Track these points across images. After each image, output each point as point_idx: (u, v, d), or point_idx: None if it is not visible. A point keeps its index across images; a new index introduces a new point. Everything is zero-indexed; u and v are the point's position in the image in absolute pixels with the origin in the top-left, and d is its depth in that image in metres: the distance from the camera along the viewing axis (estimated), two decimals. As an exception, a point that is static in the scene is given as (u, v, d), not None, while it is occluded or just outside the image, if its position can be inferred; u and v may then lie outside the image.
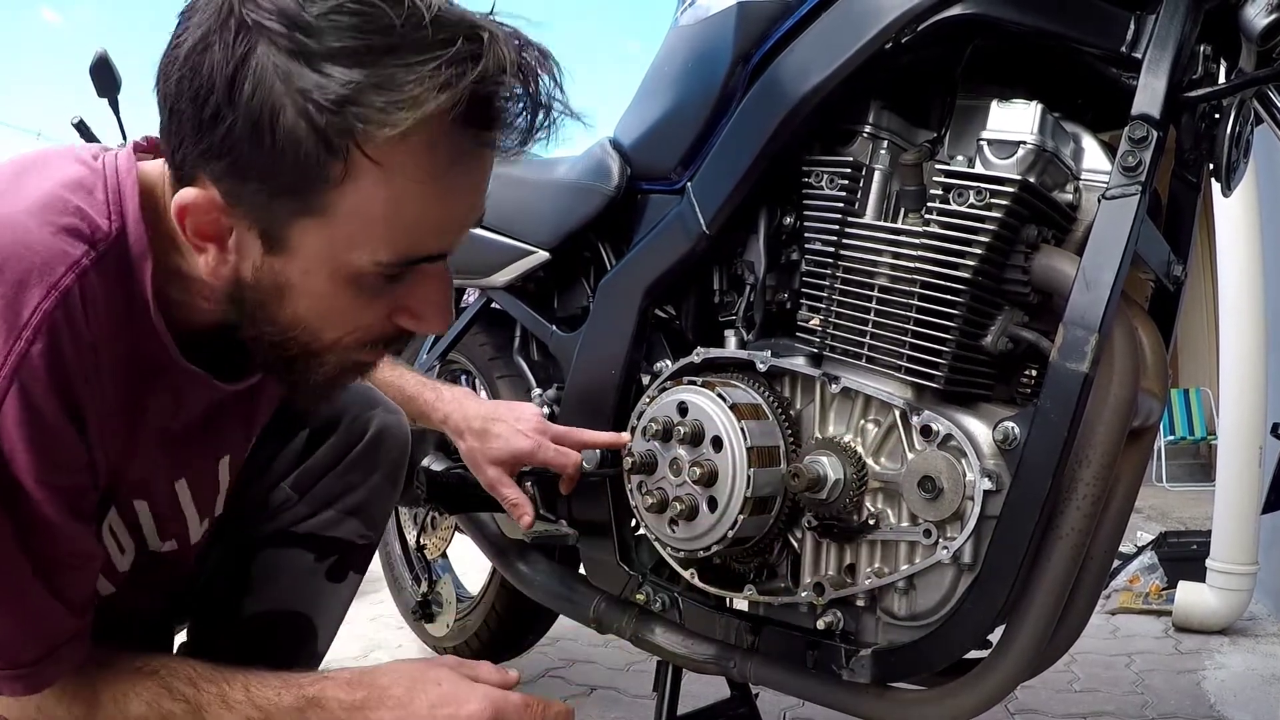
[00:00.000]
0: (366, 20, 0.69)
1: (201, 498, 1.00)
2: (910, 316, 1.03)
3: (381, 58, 0.69)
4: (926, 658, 1.04)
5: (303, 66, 0.69)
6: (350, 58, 0.69)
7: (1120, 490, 1.07)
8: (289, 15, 0.69)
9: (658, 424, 1.17)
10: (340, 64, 0.69)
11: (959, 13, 1.01)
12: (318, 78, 0.69)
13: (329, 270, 0.77)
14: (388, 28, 0.69)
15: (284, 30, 0.69)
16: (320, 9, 0.69)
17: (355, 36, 0.69)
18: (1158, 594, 2.83)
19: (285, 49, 0.69)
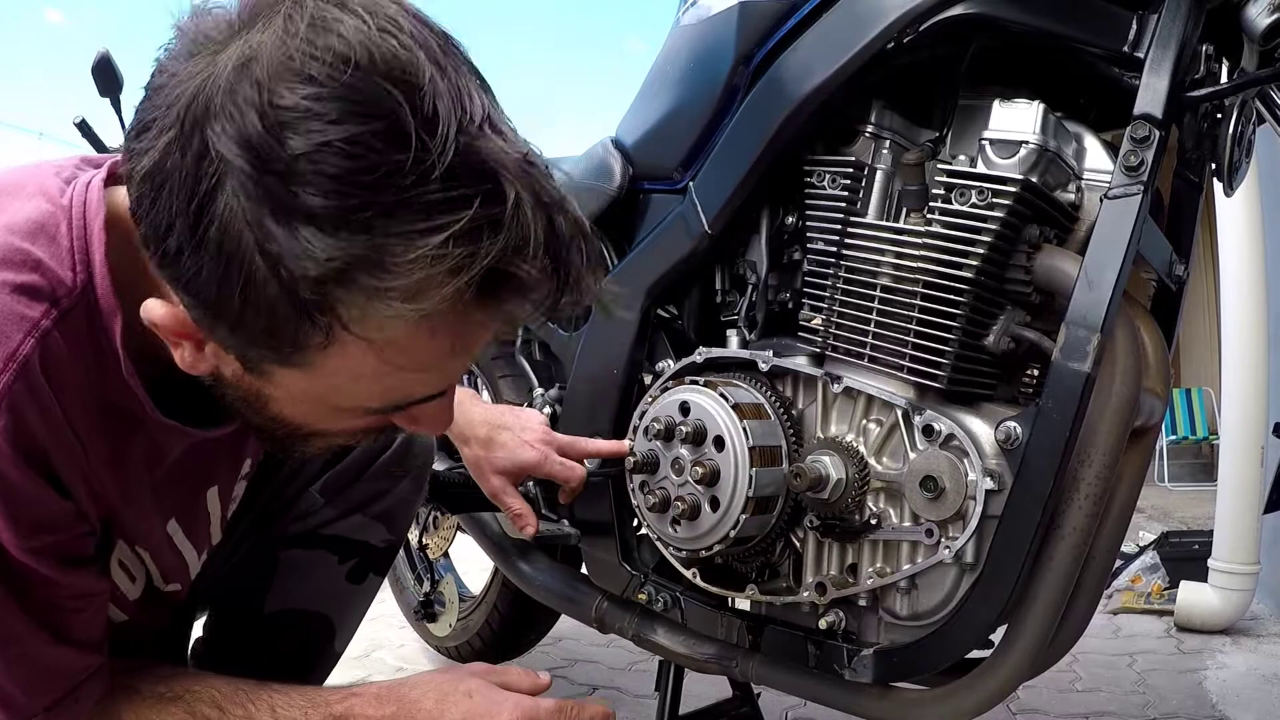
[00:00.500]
0: (359, 167, 0.57)
1: (195, 533, 0.96)
2: (912, 316, 1.03)
3: (376, 222, 0.57)
4: (928, 657, 1.04)
5: (277, 226, 0.57)
6: (336, 220, 0.57)
7: (1122, 490, 1.07)
8: (261, 153, 0.57)
9: (660, 424, 1.17)
10: (323, 229, 0.57)
11: (961, 12, 1.01)
12: (295, 244, 0.57)
13: (314, 402, 0.70)
14: (386, 179, 0.57)
15: (254, 174, 0.57)
16: (302, 145, 0.56)
17: (343, 191, 0.57)
18: (1160, 594, 2.83)
19: (256, 198, 0.57)
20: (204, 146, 0.58)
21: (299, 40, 0.58)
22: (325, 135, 0.56)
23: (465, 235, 0.58)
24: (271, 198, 0.57)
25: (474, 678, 0.89)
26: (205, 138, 0.58)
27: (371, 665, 2.14)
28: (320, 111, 0.57)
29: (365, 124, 0.57)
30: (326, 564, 1.15)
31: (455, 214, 0.58)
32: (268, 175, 0.57)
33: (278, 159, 0.57)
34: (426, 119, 0.58)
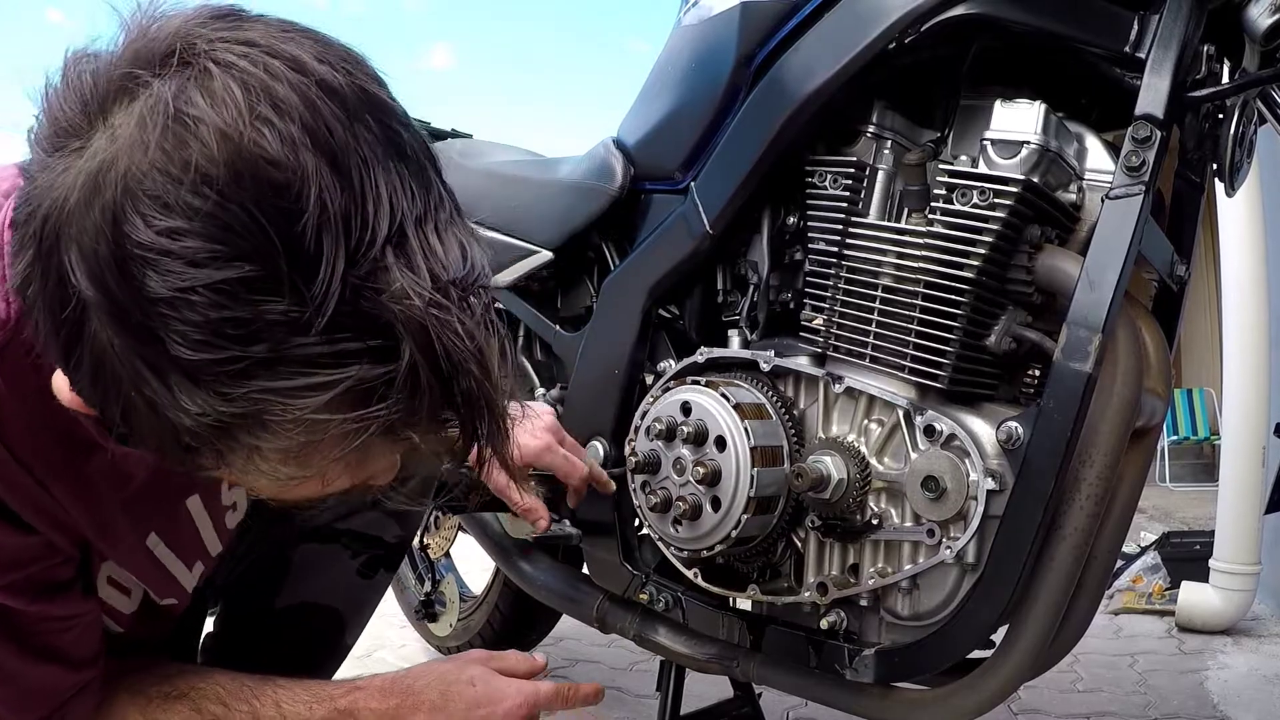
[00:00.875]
0: (228, 318, 0.50)
1: (180, 545, 0.90)
2: (914, 316, 1.03)
3: (251, 378, 0.51)
4: (930, 658, 1.04)
5: (149, 372, 0.52)
6: (207, 374, 0.51)
7: (1123, 490, 1.07)
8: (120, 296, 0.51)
9: (661, 424, 1.17)
10: (196, 383, 0.52)
11: (962, 13, 1.01)
12: (169, 395, 0.52)
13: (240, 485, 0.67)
14: (259, 332, 0.51)
15: (115, 314, 0.52)
16: (162, 289, 0.50)
17: (212, 344, 0.51)
18: (1161, 594, 2.83)
19: (123, 336, 0.52)
20: (62, 273, 0.53)
21: (154, 150, 0.51)
22: (186, 279, 0.50)
23: (349, 398, 0.52)
24: (139, 342, 0.52)
25: (475, 665, 0.90)
26: (62, 264, 0.52)
27: (373, 665, 2.14)
28: (179, 252, 0.50)
29: (231, 269, 0.50)
30: (339, 559, 1.15)
31: (339, 371, 0.52)
32: (130, 319, 0.51)
33: (137, 303, 0.51)
34: (306, 258, 0.51)
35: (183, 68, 0.53)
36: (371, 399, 0.53)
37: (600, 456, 1.32)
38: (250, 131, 0.51)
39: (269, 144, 0.51)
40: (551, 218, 1.46)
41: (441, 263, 0.55)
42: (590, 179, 1.40)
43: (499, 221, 1.51)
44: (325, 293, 0.51)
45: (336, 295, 0.51)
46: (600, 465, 1.32)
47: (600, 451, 1.32)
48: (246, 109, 0.51)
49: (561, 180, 1.47)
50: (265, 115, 0.51)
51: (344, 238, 0.52)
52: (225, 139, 0.51)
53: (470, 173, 1.60)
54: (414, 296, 0.53)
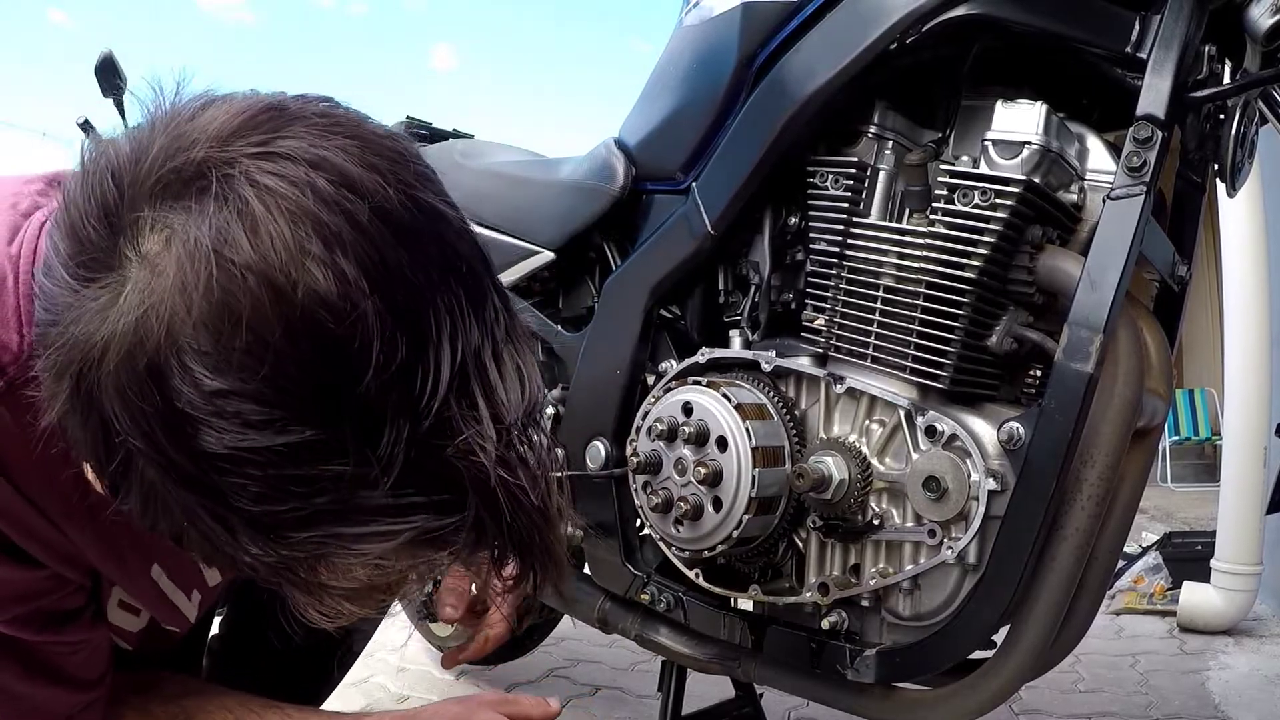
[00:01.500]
0: (289, 475, 0.50)
1: (181, 576, 0.89)
2: (915, 316, 1.03)
3: (314, 526, 0.51)
4: (931, 658, 1.04)
5: (208, 516, 0.52)
6: (269, 526, 0.51)
7: (1125, 490, 1.07)
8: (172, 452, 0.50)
9: (662, 424, 1.17)
10: (258, 531, 0.52)
11: (964, 13, 1.01)
12: (229, 537, 0.52)
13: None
14: (323, 488, 0.50)
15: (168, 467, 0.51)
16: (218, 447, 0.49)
17: (274, 497, 0.50)
18: (1162, 594, 2.83)
19: (178, 484, 0.51)
20: (105, 419, 0.51)
21: (199, 302, 0.48)
22: (244, 440, 0.49)
23: (412, 544, 0.53)
24: (193, 492, 0.51)
25: (486, 710, 0.86)
26: (104, 412, 0.51)
27: (375, 665, 2.14)
28: (233, 413, 0.49)
29: (292, 434, 0.49)
30: None
31: (403, 521, 0.52)
32: (183, 471, 0.50)
33: (190, 458, 0.50)
34: (370, 420, 0.50)
35: (221, 197, 0.49)
36: (435, 544, 0.53)
37: (601, 457, 1.32)
38: (303, 277, 0.48)
39: (324, 289, 0.48)
40: (553, 218, 1.46)
41: (503, 401, 0.54)
42: (592, 179, 1.40)
43: (500, 222, 1.51)
44: (390, 455, 0.50)
45: (401, 459, 0.50)
46: (601, 465, 1.32)
47: (601, 452, 1.32)
48: (295, 248, 0.48)
49: (563, 180, 1.47)
50: (316, 254, 0.49)
51: (407, 393, 0.50)
52: (276, 291, 0.48)
53: (472, 173, 1.60)
54: (479, 452, 0.52)
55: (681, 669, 1.39)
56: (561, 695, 1.94)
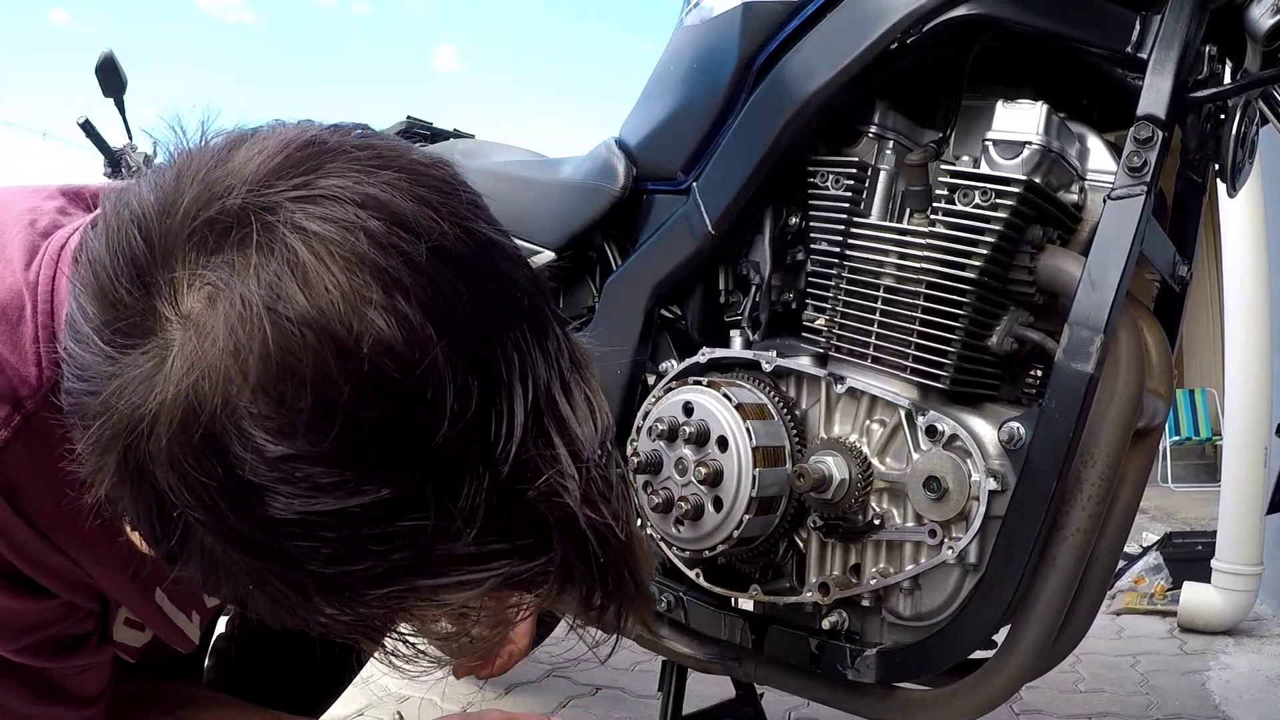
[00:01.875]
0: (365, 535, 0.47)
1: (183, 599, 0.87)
2: (916, 317, 1.03)
3: (393, 581, 0.49)
4: (931, 658, 1.04)
5: (280, 584, 0.50)
6: (346, 587, 0.49)
7: (1125, 490, 1.07)
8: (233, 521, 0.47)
9: (663, 424, 1.17)
10: (330, 592, 0.49)
11: (964, 13, 1.01)
12: (304, 602, 0.50)
13: None
14: (401, 543, 0.48)
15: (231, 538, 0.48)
16: (286, 512, 0.46)
17: (350, 557, 0.48)
18: (1163, 594, 2.83)
19: (244, 552, 0.49)
20: (159, 493, 0.48)
21: (255, 366, 0.45)
22: (315, 505, 0.46)
23: (498, 588, 0.51)
24: (262, 559, 0.48)
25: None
26: (156, 485, 0.48)
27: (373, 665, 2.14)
28: (303, 479, 0.46)
29: (366, 494, 0.46)
30: None
31: (486, 569, 0.50)
32: (250, 540, 0.48)
33: (258, 527, 0.47)
34: (448, 471, 0.47)
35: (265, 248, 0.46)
36: (520, 588, 0.52)
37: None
38: (366, 328, 0.45)
39: (389, 338, 0.45)
40: (553, 218, 1.46)
41: (578, 436, 0.51)
42: (592, 179, 1.40)
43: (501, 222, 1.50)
44: (472, 506, 0.48)
45: (483, 508, 0.48)
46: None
47: (602, 452, 1.32)
48: (354, 296, 0.45)
49: (564, 180, 1.47)
50: (377, 301, 0.45)
51: (484, 440, 0.48)
52: (338, 345, 0.45)
53: (473, 173, 1.58)
54: (563, 493, 0.50)
55: (682, 669, 1.39)
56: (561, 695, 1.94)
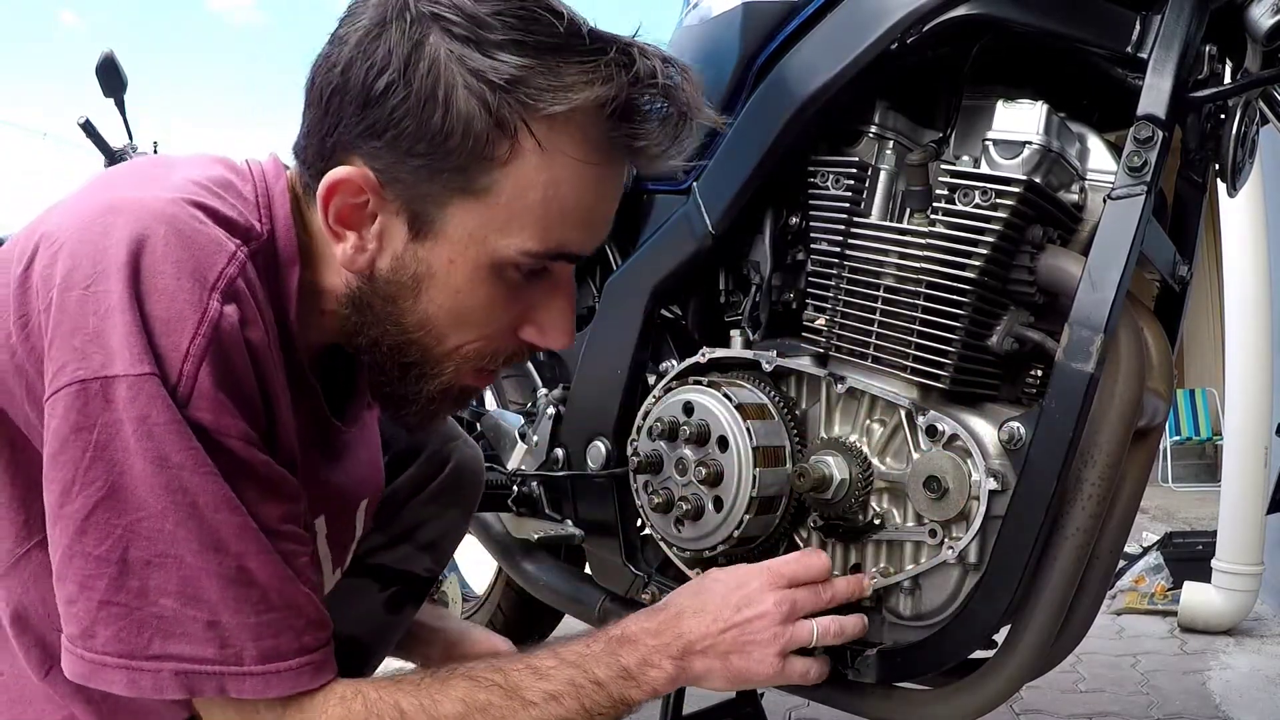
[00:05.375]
0: (532, 22, 0.73)
1: (336, 542, 0.94)
2: (916, 317, 1.03)
3: (546, 53, 0.73)
4: (932, 657, 1.04)
5: (476, 52, 0.72)
6: (518, 48, 0.72)
7: (1126, 490, 1.07)
8: (462, 8, 0.73)
9: (663, 424, 1.17)
10: (511, 52, 0.72)
11: (965, 13, 1.01)
12: (490, 61, 0.72)
13: (475, 257, 0.76)
14: (551, 30, 0.73)
15: (459, 20, 0.72)
16: (490, 9, 0.73)
17: (523, 33, 0.72)
18: (1163, 594, 2.83)
19: (459, 37, 0.72)
20: (416, 14, 0.72)
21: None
22: (505, 5, 0.73)
23: (606, 65, 0.73)
24: (470, 37, 0.72)
25: (714, 570, 0.97)
26: (415, 8, 0.73)
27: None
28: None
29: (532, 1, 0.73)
30: (368, 591, 1.14)
31: (598, 54, 0.73)
32: (468, 23, 0.72)
33: (474, 15, 0.72)
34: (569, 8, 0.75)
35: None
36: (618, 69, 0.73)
37: (602, 456, 1.32)
38: None
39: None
40: (554, 218, 1.46)
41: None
42: (592, 179, 1.39)
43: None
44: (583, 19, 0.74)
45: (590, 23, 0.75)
46: (601, 465, 1.32)
47: (602, 451, 1.32)
48: None
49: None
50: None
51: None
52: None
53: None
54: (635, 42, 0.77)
55: (682, 669, 1.39)
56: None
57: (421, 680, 0.80)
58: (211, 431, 0.69)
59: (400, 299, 0.78)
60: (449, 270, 0.77)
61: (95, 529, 0.68)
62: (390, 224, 0.77)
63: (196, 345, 0.68)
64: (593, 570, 1.41)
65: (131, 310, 0.67)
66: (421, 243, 0.76)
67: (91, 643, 0.69)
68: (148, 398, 0.67)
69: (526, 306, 0.82)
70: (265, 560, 0.72)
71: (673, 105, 0.78)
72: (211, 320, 0.69)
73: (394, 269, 0.78)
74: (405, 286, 0.78)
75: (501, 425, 1.58)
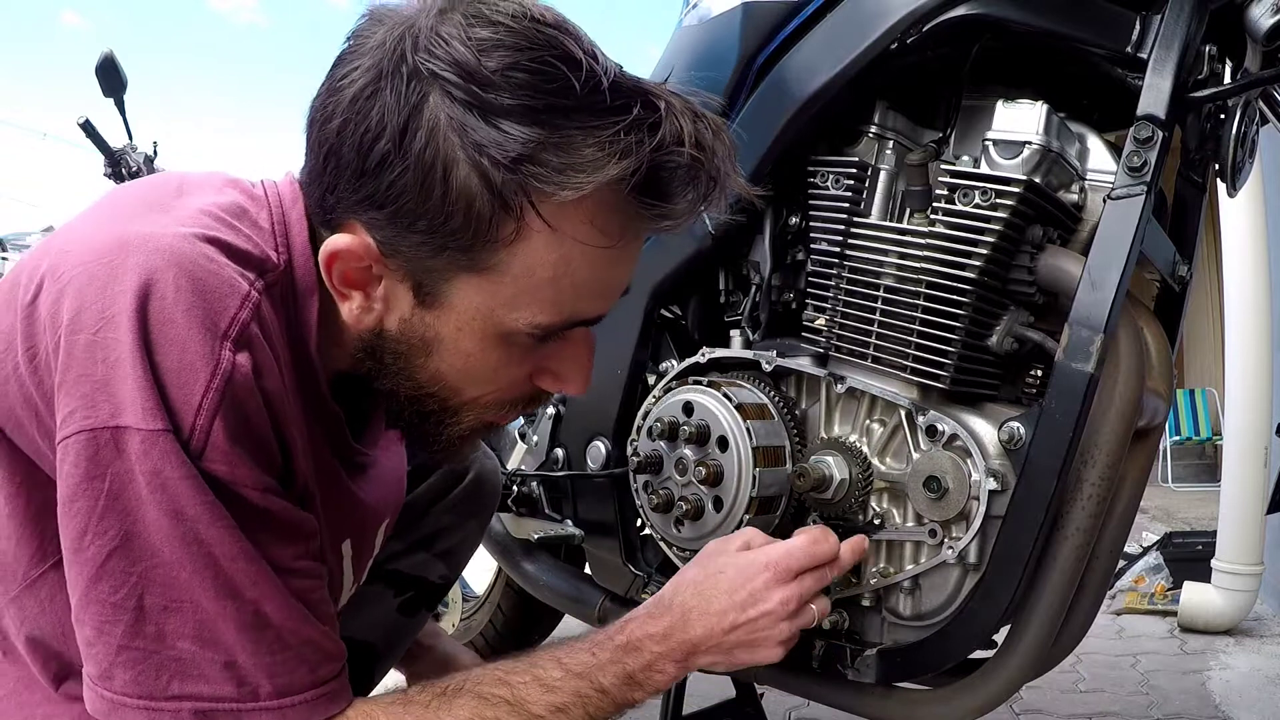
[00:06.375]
0: (545, 80, 0.67)
1: (359, 562, 0.94)
2: (916, 317, 1.03)
3: (559, 118, 0.67)
4: (932, 657, 1.04)
5: (479, 120, 0.67)
6: (527, 116, 0.67)
7: (1125, 490, 1.07)
8: (465, 68, 0.67)
9: (663, 424, 1.17)
10: (517, 122, 0.67)
11: (965, 13, 1.01)
12: (494, 133, 0.67)
13: (482, 328, 0.74)
14: (566, 89, 0.67)
15: (460, 82, 0.67)
16: (497, 64, 0.67)
17: (533, 95, 0.67)
18: (1163, 594, 2.83)
19: (461, 101, 0.67)
20: (413, 69, 0.68)
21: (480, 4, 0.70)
22: (514, 58, 0.67)
23: (629, 129, 0.68)
24: (473, 102, 0.67)
25: (720, 555, 0.94)
26: (414, 62, 0.68)
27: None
28: (509, 43, 0.68)
29: (544, 52, 0.68)
30: (382, 597, 1.14)
31: (621, 115, 0.68)
32: (470, 85, 0.67)
33: (478, 72, 0.67)
34: (590, 53, 0.69)
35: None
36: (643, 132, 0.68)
37: (602, 456, 1.32)
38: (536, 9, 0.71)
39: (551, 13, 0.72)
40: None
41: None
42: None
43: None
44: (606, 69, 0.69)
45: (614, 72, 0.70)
46: (601, 464, 1.32)
47: (602, 451, 1.32)
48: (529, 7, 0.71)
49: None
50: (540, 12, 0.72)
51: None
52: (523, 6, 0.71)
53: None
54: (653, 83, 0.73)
55: (682, 669, 1.39)
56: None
57: (430, 700, 0.79)
58: (227, 483, 0.69)
59: (412, 356, 0.77)
60: (457, 337, 0.76)
61: (110, 576, 0.68)
62: (395, 289, 0.75)
63: (210, 400, 0.67)
64: (592, 570, 1.41)
65: (141, 362, 0.66)
66: (428, 310, 0.75)
67: (110, 684, 0.69)
68: (161, 453, 0.66)
69: (543, 358, 0.80)
70: (280, 603, 0.72)
71: (702, 172, 0.72)
72: (225, 373, 0.68)
73: (402, 331, 0.76)
74: (415, 347, 0.77)
75: (501, 425, 1.58)
